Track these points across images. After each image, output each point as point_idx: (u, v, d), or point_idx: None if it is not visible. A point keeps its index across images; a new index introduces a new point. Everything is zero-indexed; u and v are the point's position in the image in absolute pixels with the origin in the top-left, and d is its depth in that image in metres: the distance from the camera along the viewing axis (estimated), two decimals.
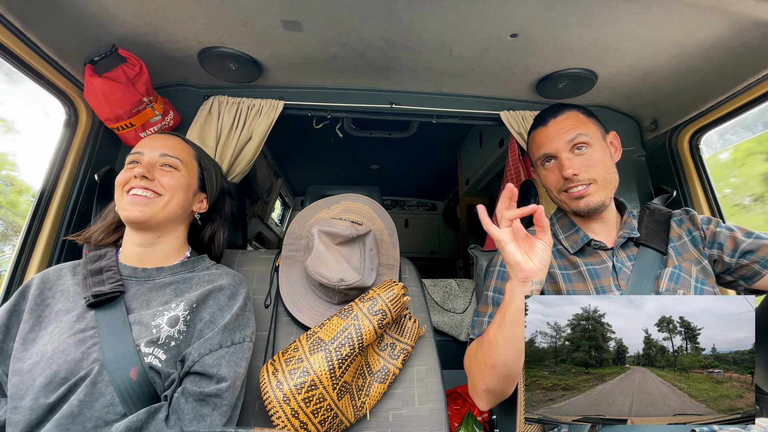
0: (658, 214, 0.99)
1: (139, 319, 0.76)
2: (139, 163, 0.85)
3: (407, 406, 1.00)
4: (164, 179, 0.85)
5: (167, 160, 0.87)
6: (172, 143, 0.91)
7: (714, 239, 0.92)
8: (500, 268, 0.97)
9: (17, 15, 0.93)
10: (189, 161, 0.92)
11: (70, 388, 0.67)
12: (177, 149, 0.90)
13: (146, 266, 0.84)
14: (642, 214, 1.00)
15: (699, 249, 0.93)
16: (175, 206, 0.86)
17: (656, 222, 0.97)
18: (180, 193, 0.87)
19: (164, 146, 0.88)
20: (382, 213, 1.18)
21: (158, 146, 0.87)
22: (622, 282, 0.88)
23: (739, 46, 1.09)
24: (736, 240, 0.89)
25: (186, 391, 0.71)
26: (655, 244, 0.92)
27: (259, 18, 1.07)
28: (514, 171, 1.83)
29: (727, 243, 0.90)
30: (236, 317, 0.81)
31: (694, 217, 0.97)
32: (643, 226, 0.96)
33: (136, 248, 0.85)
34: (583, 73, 1.31)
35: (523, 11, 1.03)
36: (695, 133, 1.44)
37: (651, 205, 1.02)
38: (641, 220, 0.98)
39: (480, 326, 0.91)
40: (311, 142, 2.88)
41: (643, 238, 0.93)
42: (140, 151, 0.86)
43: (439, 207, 4.43)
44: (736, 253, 0.89)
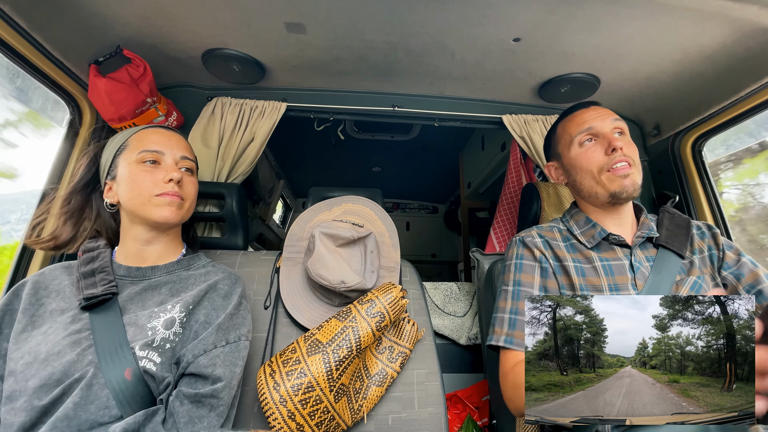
0: (678, 218, 0.98)
1: (134, 321, 0.75)
2: (158, 163, 0.84)
3: (407, 410, 0.99)
4: (188, 187, 0.87)
5: (187, 164, 0.89)
6: (185, 144, 0.91)
7: (736, 266, 0.91)
8: (517, 261, 0.95)
9: (23, 15, 0.94)
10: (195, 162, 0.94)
11: (65, 390, 0.66)
12: (190, 151, 0.91)
13: (141, 265, 0.84)
14: (662, 217, 0.99)
15: (714, 268, 0.92)
16: (191, 209, 0.89)
17: (677, 226, 0.96)
18: (195, 197, 0.90)
19: (182, 147, 0.89)
20: (383, 215, 1.18)
21: (175, 146, 0.87)
22: (639, 282, 0.87)
23: (742, 52, 1.09)
24: (757, 278, 0.88)
25: (181, 394, 0.70)
26: (676, 248, 0.91)
27: (262, 20, 1.08)
28: (515, 175, 1.83)
29: (747, 276, 0.89)
30: (231, 316, 0.80)
31: (717, 235, 0.96)
32: (663, 228, 0.95)
33: (139, 245, 0.84)
34: (585, 78, 1.31)
35: (526, 15, 1.03)
36: (698, 139, 1.43)
37: (669, 209, 1.01)
38: (661, 222, 0.97)
39: (502, 324, 0.88)
40: (313, 144, 2.89)
41: (664, 240, 0.92)
42: (159, 149, 0.84)
43: (441, 210, 4.43)
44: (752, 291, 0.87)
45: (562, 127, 1.01)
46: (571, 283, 0.90)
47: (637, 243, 0.92)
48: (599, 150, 0.92)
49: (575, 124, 0.96)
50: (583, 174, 0.95)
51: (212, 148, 1.35)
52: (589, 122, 0.93)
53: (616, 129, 0.93)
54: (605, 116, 0.94)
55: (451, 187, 3.90)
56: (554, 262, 0.93)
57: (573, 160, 0.96)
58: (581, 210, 1.01)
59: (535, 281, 0.91)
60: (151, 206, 0.81)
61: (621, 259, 0.91)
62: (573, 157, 0.96)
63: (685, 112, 1.40)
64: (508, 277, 0.94)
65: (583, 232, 0.97)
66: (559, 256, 0.93)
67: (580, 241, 0.95)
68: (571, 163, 0.97)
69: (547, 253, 0.94)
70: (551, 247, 0.95)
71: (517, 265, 0.94)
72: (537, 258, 0.94)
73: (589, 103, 0.99)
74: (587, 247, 0.94)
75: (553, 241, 0.97)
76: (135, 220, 0.84)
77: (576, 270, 0.91)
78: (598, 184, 0.92)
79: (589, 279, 0.90)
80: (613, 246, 0.93)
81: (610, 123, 0.93)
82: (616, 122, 0.93)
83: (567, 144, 0.98)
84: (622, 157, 0.89)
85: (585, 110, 0.97)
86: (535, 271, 0.92)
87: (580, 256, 0.94)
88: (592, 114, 0.95)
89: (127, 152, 0.84)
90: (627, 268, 0.90)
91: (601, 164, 0.91)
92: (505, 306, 0.91)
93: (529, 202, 1.30)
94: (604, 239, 0.93)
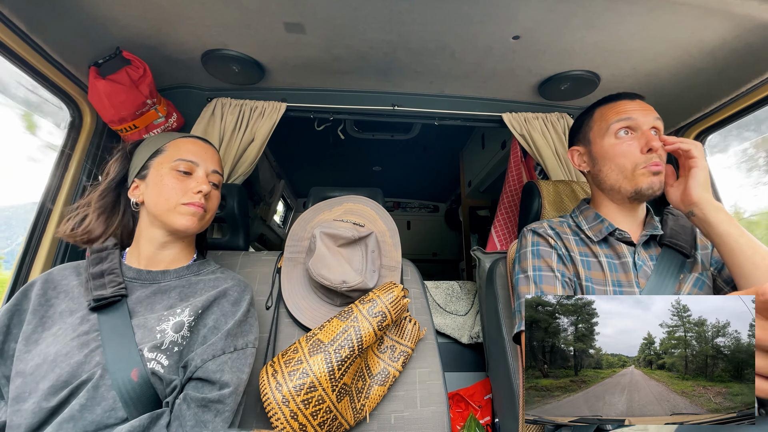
0: (682, 219, 0.98)
1: (143, 323, 0.75)
2: (191, 173, 0.87)
3: (409, 409, 0.99)
4: (211, 202, 0.90)
5: (216, 178, 0.91)
6: (218, 158, 0.94)
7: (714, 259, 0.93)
8: (533, 248, 0.95)
9: (22, 17, 0.94)
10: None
11: (72, 392, 0.66)
12: (220, 165, 0.94)
13: (151, 269, 0.84)
14: (666, 218, 0.99)
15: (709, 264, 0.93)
16: (209, 221, 0.92)
17: (681, 226, 0.96)
18: (216, 210, 0.92)
19: (215, 162, 0.92)
20: (384, 215, 1.18)
21: (209, 160, 0.90)
22: (642, 280, 0.88)
23: (742, 47, 1.09)
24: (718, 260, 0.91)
25: (188, 397, 0.70)
26: (680, 246, 0.91)
27: (262, 20, 1.08)
28: (516, 173, 1.83)
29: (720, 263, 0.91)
30: (239, 323, 0.80)
31: None
32: (667, 227, 0.95)
33: (153, 248, 0.85)
34: (585, 75, 1.30)
35: (526, 13, 1.03)
36: (699, 135, 1.43)
37: (674, 211, 1.01)
38: (665, 222, 0.97)
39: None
40: (313, 143, 2.89)
41: (668, 238, 0.92)
42: (194, 160, 0.87)
43: (442, 209, 4.42)
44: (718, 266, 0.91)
45: (600, 113, 0.96)
46: (577, 274, 0.91)
47: (641, 241, 0.92)
48: (635, 146, 0.89)
49: (615, 112, 0.92)
50: (612, 166, 0.92)
51: None
52: (630, 113, 0.90)
53: (654, 128, 0.90)
54: (648, 112, 0.91)
55: (451, 186, 3.89)
56: (565, 251, 0.94)
57: (605, 150, 0.92)
58: (591, 207, 1.01)
59: (554, 265, 0.91)
60: (175, 213, 0.83)
61: (625, 256, 0.91)
62: (606, 146, 0.92)
63: (686, 109, 1.40)
64: (526, 264, 0.94)
65: (591, 227, 0.97)
66: (569, 247, 0.95)
67: (587, 235, 0.96)
68: (601, 153, 0.94)
69: (559, 243, 0.95)
70: (561, 238, 0.97)
71: (534, 252, 0.94)
72: (552, 245, 0.95)
73: (634, 94, 0.95)
74: (593, 241, 0.94)
75: (564, 234, 0.98)
76: (155, 223, 0.85)
77: (582, 263, 0.92)
78: (626, 178, 0.90)
79: (593, 273, 0.90)
80: (618, 243, 0.93)
81: (651, 120, 0.89)
82: (657, 121, 0.90)
83: (602, 131, 0.94)
84: (657, 159, 0.87)
85: (629, 101, 0.93)
86: (552, 256, 0.93)
87: (587, 250, 0.95)
88: (635, 106, 0.92)
89: (162, 157, 0.87)
90: (630, 265, 0.90)
91: (636, 161, 0.88)
92: (528, 291, 0.90)
93: (530, 200, 1.29)
94: (610, 234, 0.94)
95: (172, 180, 0.84)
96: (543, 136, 1.49)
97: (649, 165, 0.87)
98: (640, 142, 0.88)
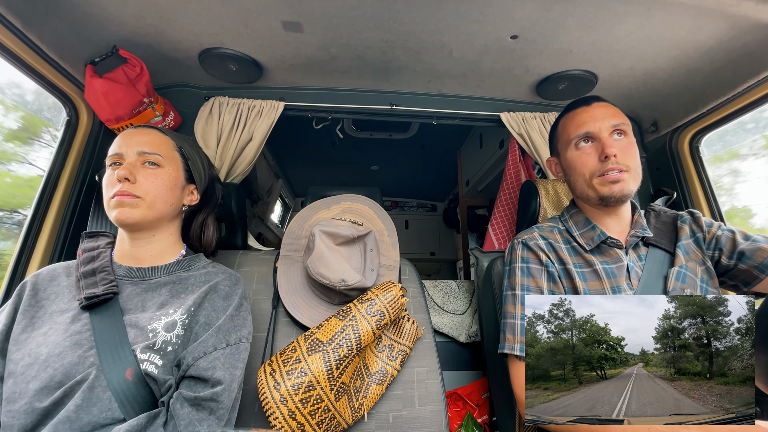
0: (663, 215, 0.99)
1: (135, 322, 0.74)
2: (119, 164, 0.81)
3: (407, 408, 0.99)
4: (147, 182, 0.81)
5: (148, 158, 0.82)
6: (149, 138, 0.85)
7: (715, 241, 0.92)
8: (522, 265, 0.94)
9: (18, 15, 0.93)
10: (170, 154, 0.87)
11: (66, 393, 0.66)
12: (155, 144, 0.84)
13: (141, 266, 0.83)
14: (648, 216, 0.99)
15: (702, 250, 0.93)
16: (163, 205, 0.83)
17: (663, 223, 0.97)
18: (166, 192, 0.83)
19: (141, 143, 0.83)
20: (382, 214, 1.18)
21: (135, 143, 0.82)
22: (634, 282, 0.89)
23: (738, 48, 1.09)
24: (735, 242, 0.90)
25: (181, 396, 0.70)
26: (664, 245, 0.92)
27: (259, 19, 1.07)
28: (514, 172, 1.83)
29: (727, 245, 0.90)
30: (231, 318, 0.79)
31: (699, 218, 0.97)
32: (651, 226, 0.96)
33: (129, 248, 0.84)
34: (583, 75, 1.31)
35: (523, 13, 1.03)
36: (695, 135, 1.44)
37: (655, 207, 1.02)
38: (648, 221, 0.98)
39: (513, 330, 0.87)
40: (312, 143, 2.89)
41: (653, 238, 0.93)
42: (118, 151, 0.82)
43: (440, 208, 4.43)
44: (733, 255, 0.89)
45: (563, 126, 0.99)
46: (575, 288, 0.90)
47: (631, 243, 0.93)
48: (593, 154, 0.91)
49: (574, 125, 0.95)
50: (576, 176, 0.95)
51: (210, 148, 1.34)
52: (587, 125, 0.92)
53: (616, 130, 0.90)
54: (605, 117, 0.91)
55: (449, 185, 3.90)
56: (558, 266, 0.93)
57: (569, 162, 0.96)
58: (580, 210, 1.00)
59: (543, 285, 0.90)
60: (110, 209, 0.79)
61: (620, 260, 0.92)
62: (569, 158, 0.96)
63: (683, 108, 1.40)
64: (515, 281, 0.93)
65: (582, 233, 0.96)
66: (562, 258, 0.93)
67: (579, 243, 0.95)
68: (566, 164, 0.97)
69: (552, 257, 0.94)
70: (554, 249, 0.95)
71: (524, 269, 0.93)
72: (543, 262, 0.93)
73: (591, 98, 0.97)
74: (586, 250, 0.94)
75: (555, 243, 0.96)
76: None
77: (578, 275, 0.91)
78: (589, 187, 0.92)
79: (590, 284, 0.90)
80: (611, 248, 0.94)
81: (608, 125, 0.90)
82: (616, 122, 0.90)
83: (565, 144, 0.97)
84: (614, 165, 0.87)
85: (586, 108, 0.95)
86: (542, 275, 0.92)
87: (581, 260, 0.94)
88: (595, 113, 0.92)
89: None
90: (624, 268, 0.90)
91: (592, 170, 0.90)
92: (514, 311, 0.90)
93: (528, 199, 1.30)
94: (603, 242, 0.93)
95: (106, 178, 0.82)
96: (541, 135, 1.49)
97: (605, 173, 0.88)
98: (598, 149, 0.90)
